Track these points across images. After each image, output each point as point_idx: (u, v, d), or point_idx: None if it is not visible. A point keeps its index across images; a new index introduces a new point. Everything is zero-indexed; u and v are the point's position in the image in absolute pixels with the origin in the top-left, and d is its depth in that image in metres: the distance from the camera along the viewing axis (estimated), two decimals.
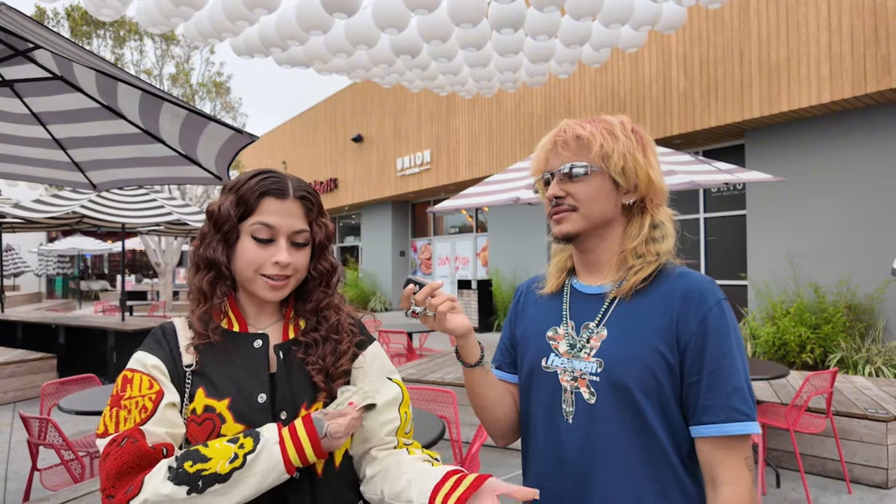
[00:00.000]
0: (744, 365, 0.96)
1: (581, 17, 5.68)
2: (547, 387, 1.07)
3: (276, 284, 1.03)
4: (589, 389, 1.01)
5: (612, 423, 0.99)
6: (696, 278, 1.01)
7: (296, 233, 1.04)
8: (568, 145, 1.04)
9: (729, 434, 0.92)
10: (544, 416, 1.07)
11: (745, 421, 0.92)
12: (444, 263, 14.98)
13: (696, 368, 0.95)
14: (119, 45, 13.99)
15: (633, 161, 1.02)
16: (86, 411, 2.87)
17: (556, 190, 1.04)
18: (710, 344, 0.95)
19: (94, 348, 7.29)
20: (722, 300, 0.98)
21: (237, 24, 5.65)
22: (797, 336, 6.56)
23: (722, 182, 3.90)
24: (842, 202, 7.12)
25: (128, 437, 0.92)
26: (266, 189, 1.03)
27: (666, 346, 0.97)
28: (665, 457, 0.97)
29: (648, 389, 0.96)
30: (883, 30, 6.34)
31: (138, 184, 3.41)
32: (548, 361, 1.08)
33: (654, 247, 1.03)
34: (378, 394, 1.10)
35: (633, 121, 1.09)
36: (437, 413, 2.98)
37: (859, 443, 3.67)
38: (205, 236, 1.06)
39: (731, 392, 0.93)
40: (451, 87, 8.48)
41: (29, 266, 23.07)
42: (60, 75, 2.52)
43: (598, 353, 1.01)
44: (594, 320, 1.04)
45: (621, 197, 1.05)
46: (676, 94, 8.34)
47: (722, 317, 0.96)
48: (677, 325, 0.97)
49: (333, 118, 17.49)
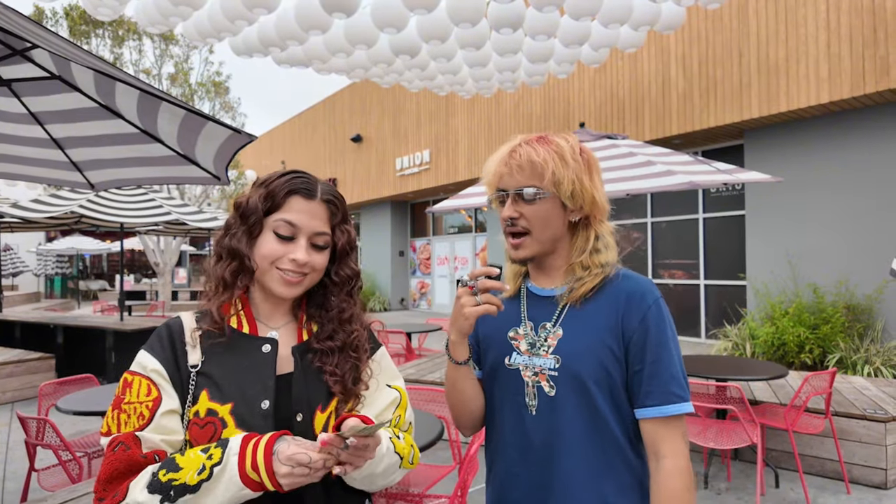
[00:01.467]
0: (678, 354, 1.11)
1: (580, 17, 5.68)
2: (511, 382, 1.17)
3: (289, 280, 1.04)
4: (549, 383, 1.13)
5: (570, 412, 1.11)
6: (636, 280, 1.15)
7: (317, 234, 1.06)
8: (522, 169, 1.13)
9: (668, 414, 1.06)
10: (510, 409, 1.18)
11: (680, 402, 1.07)
12: (443, 263, 14.98)
13: (638, 359, 1.09)
14: (118, 44, 13.97)
15: (581, 185, 1.13)
16: (84, 412, 2.86)
17: (510, 211, 1.14)
18: (650, 337, 1.09)
19: (93, 348, 7.27)
20: (659, 298, 1.12)
21: (236, 24, 5.65)
22: (796, 336, 6.56)
23: (721, 182, 3.90)
24: (841, 202, 7.12)
25: (122, 442, 0.93)
26: (295, 188, 1.06)
27: (613, 340, 1.10)
28: (614, 438, 1.10)
29: (600, 380, 1.09)
30: (882, 30, 6.35)
31: (137, 184, 3.40)
32: (511, 359, 1.18)
33: (598, 258, 1.15)
34: (376, 402, 1.12)
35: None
36: (435, 413, 2.97)
37: (858, 443, 3.67)
38: (230, 227, 1.07)
39: (668, 379, 1.07)
40: (451, 87, 8.48)
41: (27, 266, 23.03)
42: (58, 75, 2.52)
43: (555, 350, 1.13)
44: (550, 321, 1.16)
45: (568, 216, 1.15)
46: (675, 95, 8.34)
47: (659, 314, 1.10)
48: (622, 321, 1.10)
49: (332, 118, 17.48)
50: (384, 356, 1.19)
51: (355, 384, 1.08)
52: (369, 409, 1.12)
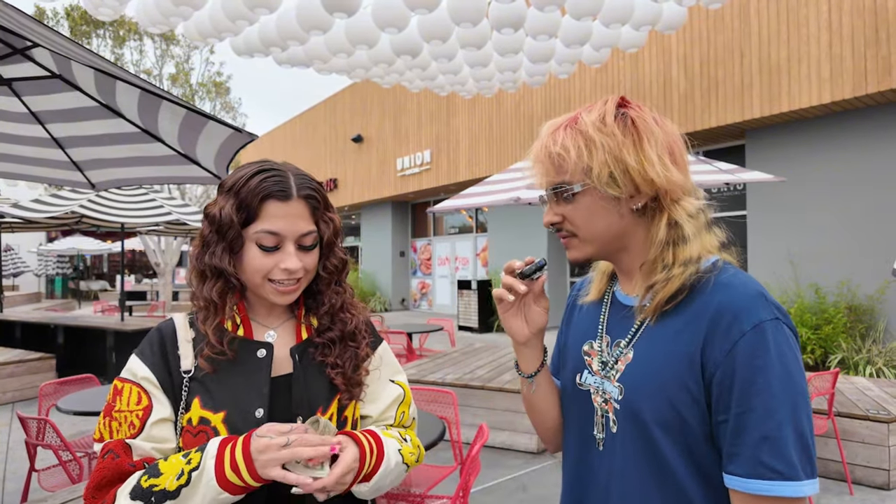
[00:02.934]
0: (792, 407, 0.76)
1: (581, 17, 5.67)
2: (580, 405, 0.98)
3: (285, 290, 1.00)
4: (613, 416, 0.91)
5: (629, 458, 0.88)
6: (735, 292, 0.83)
7: (303, 236, 0.99)
8: (545, 168, 0.93)
9: (754, 493, 0.76)
10: (578, 436, 0.99)
11: (775, 480, 0.74)
12: (444, 264, 14.97)
13: (722, 407, 0.79)
14: (119, 44, 13.98)
15: (622, 164, 0.86)
16: (84, 412, 2.85)
17: (550, 216, 0.95)
18: (738, 378, 0.78)
19: (94, 348, 7.27)
20: (765, 321, 0.78)
21: (237, 24, 5.64)
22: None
23: (723, 182, 3.90)
24: (842, 202, 7.11)
25: (111, 450, 0.92)
26: (268, 192, 0.96)
27: (692, 376, 0.82)
28: (686, 501, 0.84)
29: (668, 425, 0.83)
30: (883, 30, 6.34)
31: (137, 183, 3.40)
32: (581, 378, 0.99)
33: (680, 252, 0.87)
34: (379, 399, 1.11)
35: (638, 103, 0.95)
36: (437, 414, 2.96)
37: (861, 444, 3.66)
38: (207, 242, 1.00)
39: (758, 441, 0.75)
40: (451, 87, 8.47)
41: (28, 266, 23.05)
42: (59, 74, 2.51)
43: (621, 377, 0.91)
44: (625, 338, 0.93)
45: (627, 203, 0.89)
46: (677, 95, 8.33)
47: (761, 345, 0.77)
48: (703, 352, 0.81)
49: (333, 118, 17.48)
50: (386, 350, 1.17)
51: (355, 372, 1.05)
52: (372, 406, 1.10)
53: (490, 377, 4.74)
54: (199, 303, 1.02)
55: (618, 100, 0.92)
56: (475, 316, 11.55)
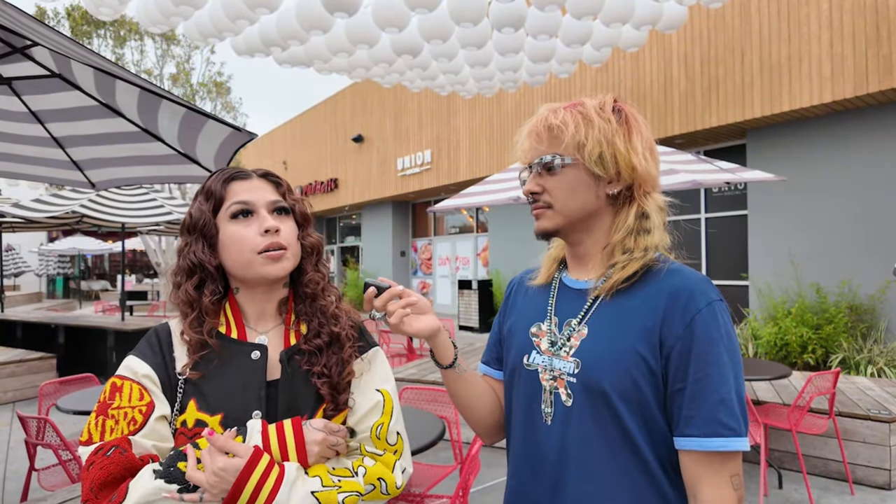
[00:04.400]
0: (735, 374, 0.87)
1: (582, 16, 5.66)
2: (527, 385, 1.02)
3: (274, 255, 0.99)
4: (566, 390, 0.95)
5: (587, 427, 0.92)
6: (687, 276, 0.92)
7: (272, 202, 1.04)
8: (540, 137, 0.99)
9: (712, 449, 0.85)
10: (524, 416, 1.02)
11: (730, 436, 0.85)
12: (445, 263, 14.96)
13: (680, 375, 0.88)
14: (119, 44, 13.99)
15: (612, 147, 0.94)
16: (84, 411, 2.86)
17: (531, 185, 1.00)
18: (696, 350, 0.87)
19: (94, 348, 7.28)
20: (714, 301, 0.89)
21: (238, 24, 5.64)
22: (798, 336, 6.54)
23: (724, 181, 3.89)
24: (843, 202, 7.10)
25: (115, 446, 0.89)
26: (229, 175, 1.04)
27: (648, 349, 0.89)
28: (645, 466, 0.90)
29: (627, 395, 0.90)
30: (885, 29, 6.32)
31: (137, 182, 3.39)
32: (529, 359, 1.02)
33: (643, 240, 0.94)
34: (359, 408, 1.05)
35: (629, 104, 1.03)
36: (437, 413, 2.96)
37: (862, 443, 3.65)
38: (183, 248, 1.03)
39: (716, 403, 0.85)
40: (452, 87, 8.47)
41: (29, 266, 23.07)
42: (59, 73, 2.51)
43: (576, 352, 0.95)
44: (576, 317, 0.98)
45: (604, 187, 0.96)
46: (677, 94, 8.32)
47: (712, 320, 0.88)
48: (661, 327, 0.89)
49: (334, 118, 17.48)
50: (377, 356, 1.11)
51: (341, 376, 1.03)
52: (352, 417, 1.05)
53: None
54: (177, 303, 1.02)
55: (613, 99, 1.00)
56: (476, 316, 11.55)
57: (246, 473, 0.86)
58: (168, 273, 1.09)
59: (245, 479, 0.86)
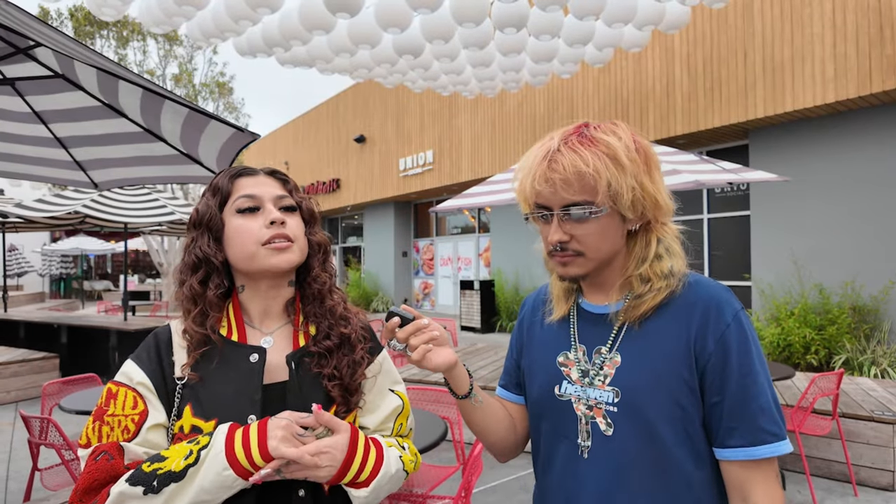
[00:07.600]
0: (767, 380, 0.90)
1: (584, 16, 5.66)
2: (561, 416, 1.00)
3: (279, 246, 0.99)
4: (605, 420, 0.94)
5: (632, 456, 0.92)
6: (709, 288, 0.93)
7: (279, 198, 1.04)
8: (569, 183, 0.90)
9: (760, 457, 0.87)
10: (556, 447, 1.00)
11: (774, 442, 0.87)
12: (447, 264, 14.96)
13: (716, 389, 0.89)
14: (122, 45, 14.02)
15: (641, 189, 0.92)
16: (87, 411, 2.86)
17: (559, 235, 0.94)
18: (730, 363, 0.88)
19: (97, 348, 7.29)
20: (739, 311, 0.91)
21: (240, 24, 5.65)
22: (802, 337, 6.52)
23: (726, 181, 3.88)
24: (846, 202, 7.08)
25: (104, 451, 0.90)
26: (236, 172, 1.06)
27: (686, 368, 0.90)
28: (690, 487, 0.91)
29: (672, 417, 0.90)
30: (888, 29, 6.31)
31: (140, 183, 3.40)
32: (561, 389, 1.00)
33: (660, 266, 0.95)
34: (378, 409, 1.09)
35: (631, 126, 0.99)
36: (439, 414, 2.96)
37: (866, 445, 3.64)
38: (189, 244, 1.04)
39: (756, 412, 0.87)
40: (454, 87, 8.47)
41: (32, 266, 23.12)
42: (62, 73, 2.52)
43: (612, 381, 0.94)
44: (605, 345, 0.97)
45: (628, 225, 0.96)
46: (680, 94, 8.31)
47: (741, 331, 0.90)
48: (695, 343, 0.90)
49: (336, 118, 17.49)
50: (386, 358, 1.14)
51: (353, 378, 1.03)
52: (371, 417, 1.08)
53: (493, 377, 4.73)
54: (181, 300, 1.02)
55: (630, 133, 0.96)
56: (478, 316, 11.54)
57: (351, 451, 0.95)
58: (172, 272, 1.08)
59: (353, 454, 0.95)
